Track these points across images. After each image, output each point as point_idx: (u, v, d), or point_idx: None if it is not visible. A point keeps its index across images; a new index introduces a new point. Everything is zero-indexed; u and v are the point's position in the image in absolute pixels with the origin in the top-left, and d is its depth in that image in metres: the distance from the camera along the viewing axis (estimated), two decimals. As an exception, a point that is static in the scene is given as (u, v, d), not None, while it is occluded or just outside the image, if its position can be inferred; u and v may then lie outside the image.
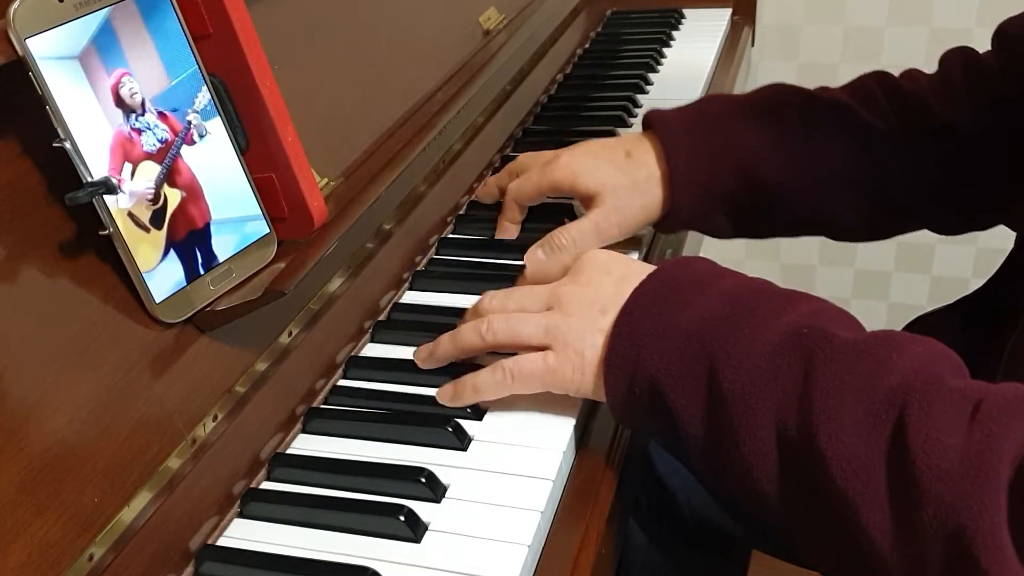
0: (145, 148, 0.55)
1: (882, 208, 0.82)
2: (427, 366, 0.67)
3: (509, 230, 0.84)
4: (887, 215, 0.83)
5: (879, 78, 0.82)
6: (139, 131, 0.54)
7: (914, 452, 0.46)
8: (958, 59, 0.81)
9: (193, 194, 0.57)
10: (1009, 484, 0.44)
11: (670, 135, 0.79)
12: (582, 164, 0.78)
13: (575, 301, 0.61)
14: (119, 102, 0.53)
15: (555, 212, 0.83)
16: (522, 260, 0.77)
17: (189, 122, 0.57)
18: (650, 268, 0.61)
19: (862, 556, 0.48)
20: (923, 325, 0.85)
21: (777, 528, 0.55)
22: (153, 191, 0.55)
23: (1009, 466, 0.44)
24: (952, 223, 0.85)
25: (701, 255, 0.95)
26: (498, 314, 0.64)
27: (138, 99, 0.54)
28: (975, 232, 0.87)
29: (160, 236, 0.56)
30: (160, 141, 0.56)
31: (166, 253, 0.56)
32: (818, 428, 0.49)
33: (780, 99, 0.82)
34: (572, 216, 0.82)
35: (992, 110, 0.78)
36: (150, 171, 0.55)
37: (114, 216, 0.53)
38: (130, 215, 0.54)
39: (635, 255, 0.81)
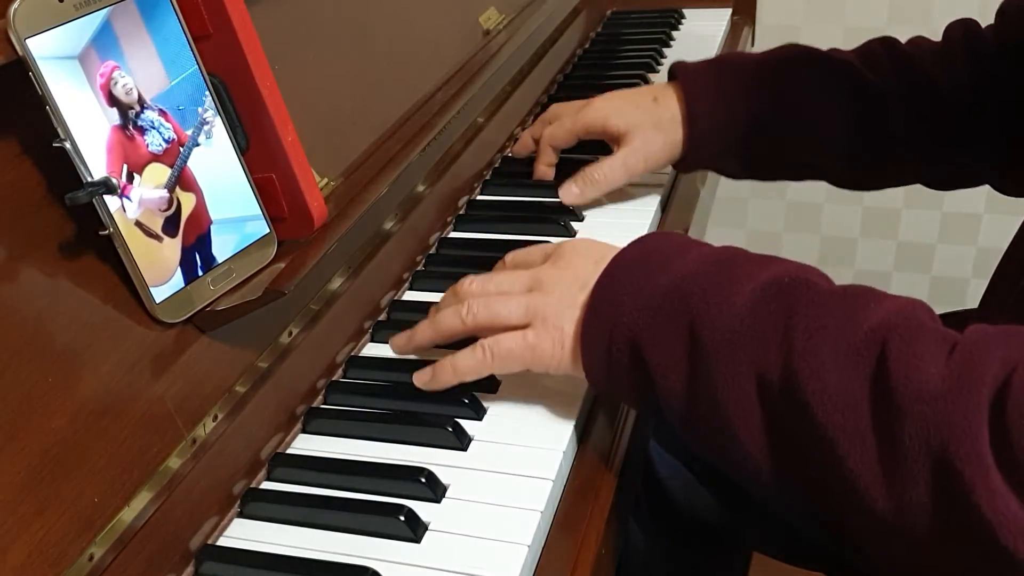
0: (151, 148, 0.55)
1: (879, 161, 0.88)
2: (405, 353, 0.68)
3: (546, 173, 0.92)
4: (883, 167, 0.89)
5: (885, 42, 0.88)
6: (142, 130, 0.54)
7: (895, 379, 0.46)
8: (960, 29, 0.85)
9: (198, 195, 0.57)
10: (990, 403, 0.44)
11: (692, 83, 0.87)
12: (614, 107, 0.88)
13: (555, 281, 0.62)
14: (112, 99, 0.53)
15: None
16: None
17: (203, 120, 0.57)
18: None
19: (846, 496, 0.48)
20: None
21: (759, 491, 0.54)
22: (167, 196, 0.55)
23: (989, 387, 0.45)
24: (945, 180, 0.91)
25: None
26: (478, 297, 0.64)
27: (135, 95, 0.54)
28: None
29: (175, 244, 0.56)
30: (167, 141, 0.55)
31: (181, 262, 0.56)
32: (799, 369, 0.49)
33: (792, 57, 0.88)
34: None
35: (985, 80, 0.82)
36: (159, 174, 0.55)
37: (121, 231, 0.53)
38: (138, 224, 0.54)
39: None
